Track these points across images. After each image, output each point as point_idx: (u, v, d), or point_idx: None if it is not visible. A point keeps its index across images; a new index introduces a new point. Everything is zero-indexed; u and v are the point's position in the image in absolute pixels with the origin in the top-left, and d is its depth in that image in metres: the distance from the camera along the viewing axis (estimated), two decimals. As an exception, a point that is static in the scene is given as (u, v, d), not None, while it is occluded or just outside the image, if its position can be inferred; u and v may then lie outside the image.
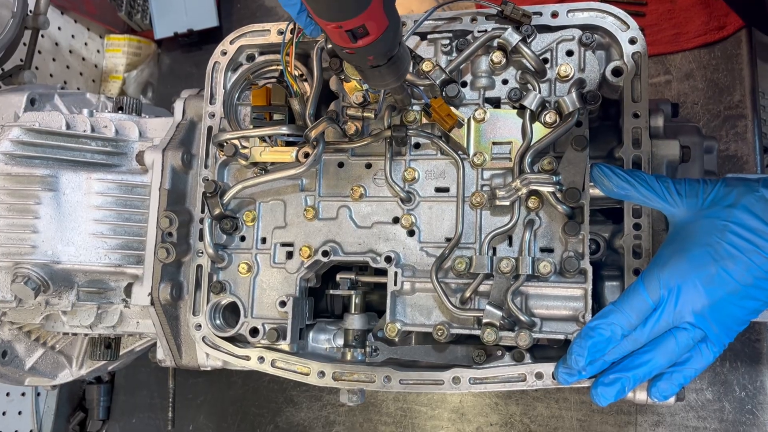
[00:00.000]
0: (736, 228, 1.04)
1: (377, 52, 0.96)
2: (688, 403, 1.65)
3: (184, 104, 1.46)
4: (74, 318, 1.44)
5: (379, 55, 0.97)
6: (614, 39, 1.21)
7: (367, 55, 0.97)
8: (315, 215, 1.31)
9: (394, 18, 0.94)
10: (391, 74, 1.04)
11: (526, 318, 1.16)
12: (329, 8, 0.87)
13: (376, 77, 1.04)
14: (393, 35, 0.95)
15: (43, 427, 2.22)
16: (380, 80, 1.06)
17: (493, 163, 1.24)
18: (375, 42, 0.92)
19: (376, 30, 0.91)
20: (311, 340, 1.38)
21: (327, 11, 0.87)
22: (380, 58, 0.98)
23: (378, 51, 0.96)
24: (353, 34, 0.90)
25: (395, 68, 1.02)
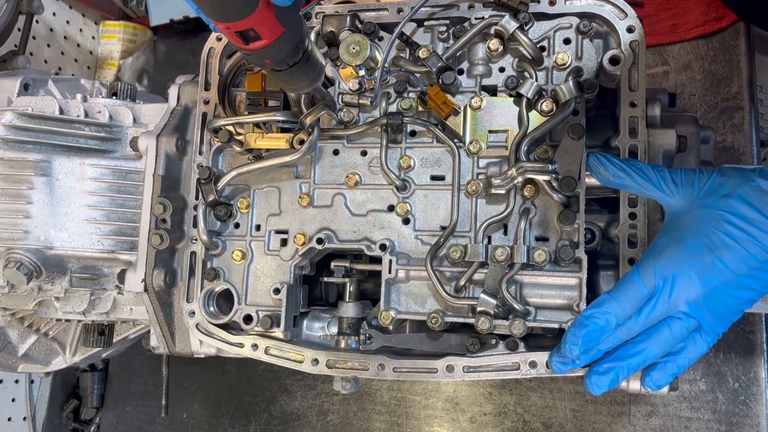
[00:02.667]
0: (732, 218, 1.03)
1: (274, 57, 0.97)
2: (681, 393, 1.65)
3: (178, 90, 1.45)
4: (67, 304, 1.43)
5: (277, 60, 0.98)
6: (612, 27, 1.21)
7: (263, 59, 0.97)
8: (310, 202, 1.30)
9: (293, 26, 0.94)
10: (296, 81, 1.04)
11: (520, 307, 1.16)
12: (212, 9, 0.88)
13: (281, 81, 1.05)
14: (290, 43, 0.96)
15: (37, 414, 2.22)
16: (286, 84, 1.07)
17: (489, 151, 1.23)
18: (269, 47, 0.93)
19: (269, 35, 0.92)
20: (305, 328, 1.37)
21: (210, 11, 0.88)
22: (280, 64, 0.99)
23: (274, 56, 0.96)
24: (243, 36, 0.91)
25: (300, 76, 1.03)
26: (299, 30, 0.97)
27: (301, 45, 0.99)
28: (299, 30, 0.97)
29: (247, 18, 0.88)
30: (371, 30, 1.27)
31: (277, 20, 0.91)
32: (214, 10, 0.89)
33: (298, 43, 0.98)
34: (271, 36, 0.92)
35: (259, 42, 0.92)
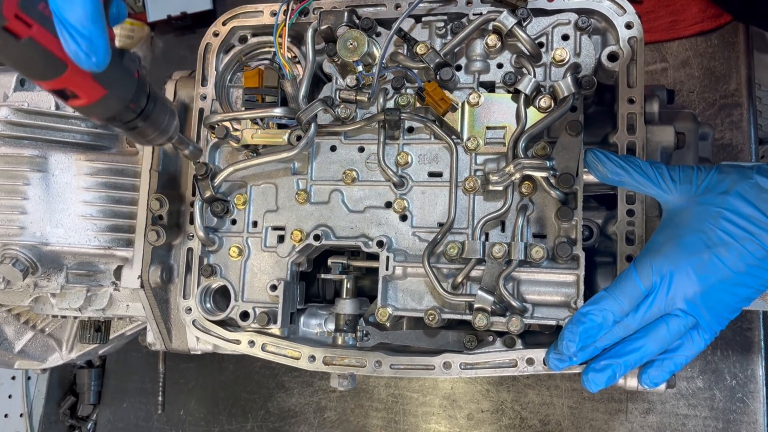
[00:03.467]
0: (730, 215, 1.03)
1: (100, 115, 0.94)
2: (678, 390, 1.65)
3: (175, 86, 1.44)
4: (63, 300, 1.43)
5: (105, 118, 0.95)
6: (610, 23, 1.20)
7: (88, 115, 0.95)
8: (307, 199, 1.30)
9: (119, 88, 0.92)
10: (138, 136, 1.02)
11: (517, 303, 1.15)
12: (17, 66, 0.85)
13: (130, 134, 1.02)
14: (117, 103, 0.93)
15: (34, 410, 2.22)
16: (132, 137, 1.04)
17: (486, 147, 1.23)
18: (90, 106, 0.90)
19: (87, 96, 0.89)
20: (302, 325, 1.37)
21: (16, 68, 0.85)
22: (110, 121, 0.96)
23: (100, 114, 0.94)
24: (59, 94, 0.88)
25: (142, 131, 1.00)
26: (128, 92, 0.94)
27: (133, 105, 0.96)
28: (128, 92, 0.94)
29: (56, 79, 0.85)
30: (369, 26, 1.26)
31: (96, 82, 0.88)
32: (20, 68, 0.86)
33: (128, 104, 0.95)
34: (90, 97, 0.89)
35: (78, 101, 0.89)
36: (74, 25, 0.80)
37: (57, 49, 0.82)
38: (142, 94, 0.97)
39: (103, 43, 0.84)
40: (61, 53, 0.82)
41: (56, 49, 0.82)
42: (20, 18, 0.77)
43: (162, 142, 1.07)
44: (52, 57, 0.82)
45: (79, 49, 0.81)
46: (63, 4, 0.80)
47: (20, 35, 0.78)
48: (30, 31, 0.79)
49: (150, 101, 0.98)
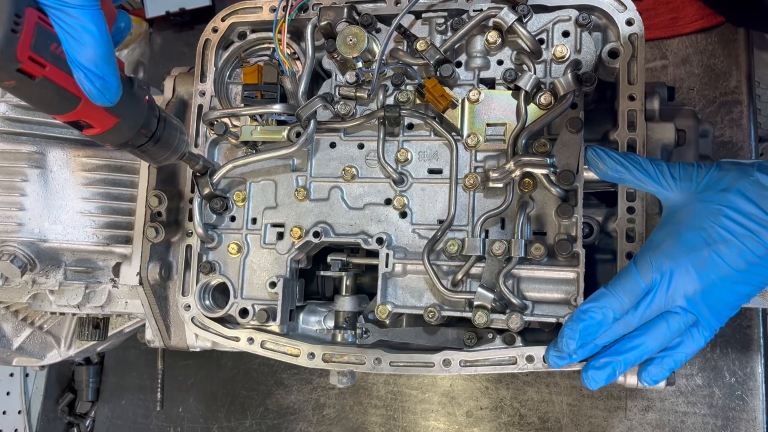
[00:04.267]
0: (730, 212, 1.03)
1: (113, 142, 0.99)
2: (677, 388, 1.65)
3: (174, 82, 1.44)
4: (62, 297, 1.42)
5: (118, 144, 1.00)
6: (611, 20, 1.20)
7: (102, 142, 0.99)
8: (306, 196, 1.29)
9: (130, 116, 0.97)
10: (150, 157, 1.07)
11: (517, 301, 1.15)
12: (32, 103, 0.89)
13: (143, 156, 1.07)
14: (129, 130, 0.98)
15: (32, 407, 2.22)
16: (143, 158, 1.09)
17: (486, 144, 1.22)
18: (103, 134, 0.95)
19: (101, 125, 0.94)
20: (301, 322, 1.37)
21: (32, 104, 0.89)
22: (122, 146, 1.01)
23: (113, 141, 0.98)
24: (74, 124, 0.93)
25: (152, 153, 1.05)
26: (139, 118, 0.99)
27: (144, 131, 1.01)
28: (139, 118, 0.99)
29: (70, 113, 0.89)
30: (368, 22, 1.25)
31: (108, 113, 0.93)
32: (35, 104, 0.90)
33: (139, 129, 1.00)
34: (103, 126, 0.94)
35: (92, 130, 0.94)
36: (87, 66, 0.85)
37: (70, 86, 0.86)
38: (153, 118, 1.02)
39: (116, 81, 0.89)
40: (74, 89, 0.86)
41: (69, 86, 0.86)
42: (34, 59, 0.81)
43: (173, 161, 1.13)
44: (65, 93, 0.86)
45: (93, 87, 0.86)
46: (75, 46, 0.84)
47: (34, 75, 0.82)
48: (43, 71, 0.83)
49: (160, 124, 1.03)
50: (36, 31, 0.81)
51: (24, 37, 0.79)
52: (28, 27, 0.80)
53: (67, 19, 0.84)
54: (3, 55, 0.78)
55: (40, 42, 0.82)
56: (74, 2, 0.84)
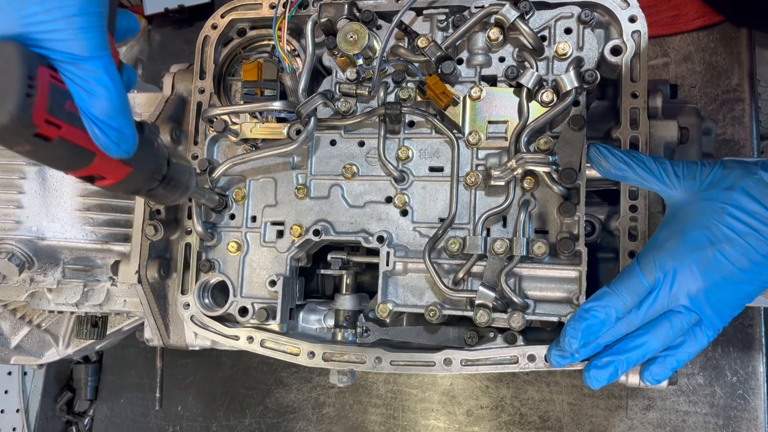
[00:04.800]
0: (734, 211, 1.02)
1: (125, 190, 0.97)
2: (679, 387, 1.65)
3: (173, 79, 1.43)
4: (60, 296, 1.41)
5: (130, 191, 0.99)
6: (614, 17, 1.19)
7: (115, 191, 0.98)
8: (306, 194, 1.28)
9: (142, 166, 0.95)
10: (161, 199, 1.06)
11: (519, 299, 1.14)
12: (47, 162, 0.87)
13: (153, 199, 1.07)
14: (141, 178, 0.97)
15: (30, 406, 2.21)
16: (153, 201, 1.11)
17: (488, 142, 1.21)
18: (117, 184, 0.93)
19: (114, 176, 0.92)
20: (301, 321, 1.36)
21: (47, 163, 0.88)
22: (135, 192, 1.00)
23: (125, 189, 0.97)
24: (87, 178, 0.91)
25: (163, 195, 1.04)
26: (151, 165, 0.98)
27: (156, 175, 0.99)
28: (151, 165, 0.98)
29: (85, 169, 0.87)
30: (369, 18, 1.24)
31: (122, 164, 0.90)
32: (49, 164, 0.88)
33: (153, 174, 0.99)
34: (116, 177, 0.92)
35: (105, 181, 0.92)
36: (102, 119, 0.82)
37: (86, 142, 0.83)
38: (163, 161, 1.00)
39: (131, 131, 0.86)
40: (89, 145, 0.84)
41: (85, 143, 0.83)
42: (50, 122, 0.78)
43: (183, 199, 1.12)
44: (81, 150, 0.84)
45: (109, 140, 0.84)
46: (89, 99, 0.81)
47: (51, 138, 0.79)
48: (59, 132, 0.80)
49: (170, 166, 1.02)
50: (50, 92, 0.78)
51: (39, 100, 0.76)
52: (42, 89, 0.77)
53: (78, 72, 0.81)
54: (20, 122, 0.74)
55: (54, 102, 0.78)
56: (84, 53, 0.80)
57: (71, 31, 0.79)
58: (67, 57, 0.80)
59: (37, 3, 0.78)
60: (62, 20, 0.78)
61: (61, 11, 0.78)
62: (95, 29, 0.81)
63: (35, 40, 0.79)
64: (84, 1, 0.79)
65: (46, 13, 0.78)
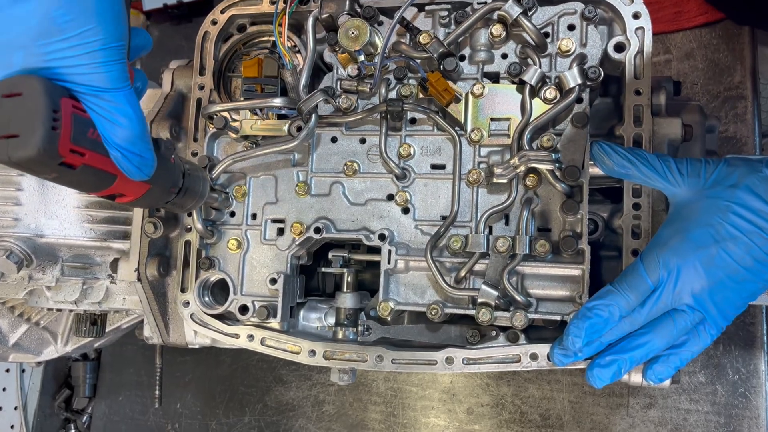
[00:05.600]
0: (739, 208, 1.01)
1: (144, 205, 1.02)
2: (680, 385, 1.65)
3: (172, 75, 1.42)
4: (59, 293, 1.40)
5: (148, 205, 1.03)
6: (617, 13, 1.18)
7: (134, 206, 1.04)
8: (307, 191, 1.28)
9: (160, 181, 0.98)
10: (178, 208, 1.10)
11: (522, 298, 1.14)
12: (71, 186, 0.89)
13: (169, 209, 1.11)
14: (160, 193, 1.00)
15: (28, 403, 2.20)
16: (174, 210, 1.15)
17: (490, 139, 1.21)
18: (136, 200, 0.97)
19: (134, 193, 0.95)
20: (302, 319, 1.35)
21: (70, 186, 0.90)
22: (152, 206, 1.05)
23: (144, 204, 1.01)
24: (108, 197, 0.94)
25: (181, 205, 1.08)
26: (168, 181, 1.01)
27: (173, 189, 1.02)
28: (168, 181, 1.01)
29: (107, 189, 0.90)
30: (371, 14, 1.23)
31: (141, 182, 0.93)
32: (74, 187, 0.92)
33: (170, 188, 1.02)
34: (136, 193, 0.95)
35: (125, 198, 0.95)
36: (124, 146, 0.86)
37: (108, 166, 0.87)
38: (179, 175, 1.03)
39: (151, 156, 0.90)
40: (111, 168, 0.87)
41: (107, 167, 0.87)
42: (74, 151, 0.81)
43: (199, 206, 1.17)
44: (104, 174, 0.87)
45: (131, 165, 0.88)
46: (111, 128, 0.84)
47: (75, 165, 0.82)
48: (83, 159, 0.83)
49: (185, 179, 1.05)
50: (73, 122, 0.81)
51: (64, 132, 0.79)
52: (66, 120, 0.80)
53: (101, 103, 0.83)
54: (46, 154, 0.77)
55: (78, 132, 0.81)
56: (107, 86, 0.83)
57: (94, 65, 0.82)
58: (89, 89, 0.83)
59: (61, 39, 0.80)
60: (85, 56, 0.81)
61: (84, 47, 0.81)
62: (117, 62, 0.84)
63: (59, 74, 0.81)
64: (106, 36, 0.82)
65: (70, 49, 0.81)
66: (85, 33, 0.80)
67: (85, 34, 0.80)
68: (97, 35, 0.81)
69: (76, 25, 0.80)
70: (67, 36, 0.80)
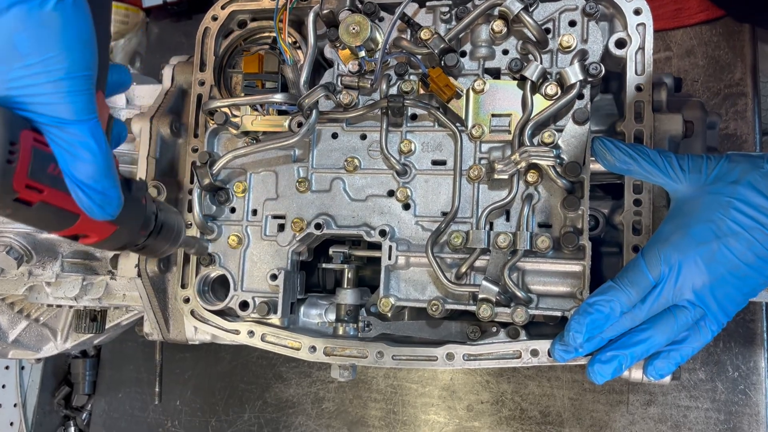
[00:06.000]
0: (740, 204, 1.01)
1: (111, 247, 0.96)
2: (680, 382, 1.64)
3: (173, 71, 1.41)
4: (58, 289, 1.40)
5: (116, 248, 0.97)
6: (618, 9, 1.18)
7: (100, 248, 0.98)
8: (308, 187, 1.27)
9: (128, 223, 0.93)
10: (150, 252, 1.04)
11: (522, 294, 1.14)
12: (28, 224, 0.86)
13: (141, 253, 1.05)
14: (127, 235, 0.95)
15: (28, 400, 2.20)
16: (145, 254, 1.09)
17: (491, 135, 1.20)
18: (102, 242, 0.91)
19: (99, 235, 0.90)
20: (302, 315, 1.35)
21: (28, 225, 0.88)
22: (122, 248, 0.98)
23: (111, 246, 0.95)
24: (71, 237, 0.89)
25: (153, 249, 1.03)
26: (138, 222, 0.96)
27: (143, 232, 0.98)
28: (138, 222, 0.96)
29: (69, 229, 0.85)
30: (371, 10, 1.23)
31: (107, 222, 0.88)
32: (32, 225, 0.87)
33: (139, 231, 0.97)
34: (101, 235, 0.90)
35: (89, 239, 0.90)
36: (86, 182, 0.80)
37: (69, 205, 0.81)
38: (151, 217, 0.98)
39: (116, 192, 0.84)
40: (72, 207, 0.82)
41: (68, 205, 0.81)
42: (31, 186, 0.76)
43: (173, 251, 1.12)
44: (64, 213, 0.82)
45: (93, 203, 0.81)
46: (74, 164, 0.79)
47: (32, 202, 0.78)
48: (41, 196, 0.78)
49: (158, 221, 1.00)
50: (33, 157, 0.75)
51: (20, 166, 0.74)
52: (24, 154, 0.74)
53: (64, 136, 0.78)
54: None
55: (37, 167, 0.76)
56: (71, 117, 0.77)
57: (57, 95, 0.76)
58: (52, 120, 0.77)
59: (23, 67, 0.74)
60: (48, 84, 0.75)
61: (47, 75, 0.75)
62: (82, 93, 0.78)
63: (20, 104, 0.76)
64: (71, 65, 0.76)
65: (32, 78, 0.75)
66: (48, 60, 0.74)
67: (49, 62, 0.75)
68: (61, 63, 0.75)
69: (39, 50, 0.74)
70: (30, 63, 0.74)
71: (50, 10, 0.74)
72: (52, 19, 0.74)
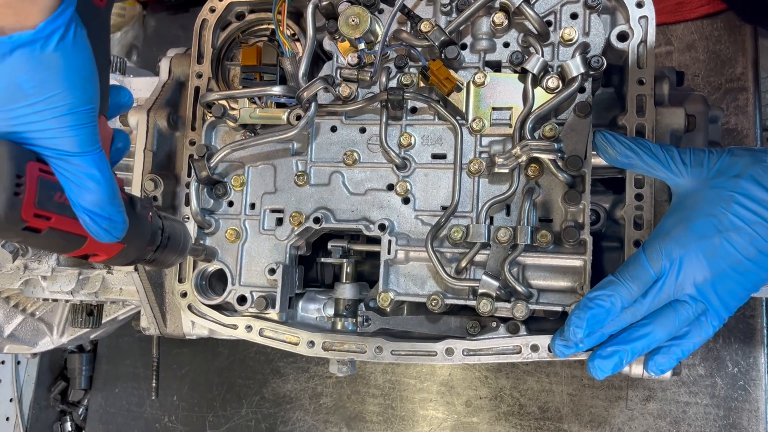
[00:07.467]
0: (742, 199, 1.01)
1: (119, 263, 0.98)
2: (679, 378, 1.64)
3: (170, 63, 1.40)
4: (54, 283, 1.39)
5: (124, 264, 0.99)
6: (620, 2, 1.17)
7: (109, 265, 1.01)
8: (306, 181, 1.26)
9: (135, 241, 0.95)
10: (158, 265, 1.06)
11: (523, 289, 1.13)
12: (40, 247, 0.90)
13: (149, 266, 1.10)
14: (135, 252, 0.97)
15: (24, 395, 2.19)
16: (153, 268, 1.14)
17: (492, 129, 1.19)
18: (110, 259, 0.94)
19: (107, 253, 0.92)
20: (300, 310, 1.34)
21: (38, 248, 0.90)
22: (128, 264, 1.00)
23: (119, 263, 0.98)
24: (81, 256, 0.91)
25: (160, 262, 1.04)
26: (143, 239, 0.97)
27: (150, 247, 0.99)
28: (143, 239, 0.97)
29: (77, 251, 0.88)
30: (371, 2, 1.21)
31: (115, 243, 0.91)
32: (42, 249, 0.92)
33: (145, 247, 0.98)
34: (109, 253, 0.93)
35: (98, 258, 0.93)
36: (92, 210, 0.83)
37: (76, 229, 0.85)
38: (157, 232, 1.00)
39: (122, 217, 0.87)
40: (80, 231, 0.85)
41: (75, 229, 0.85)
42: (39, 215, 0.79)
43: (181, 261, 1.15)
44: (72, 236, 0.85)
45: (100, 228, 0.85)
46: (80, 193, 0.82)
47: (41, 229, 0.80)
48: (49, 223, 0.81)
49: (164, 235, 1.01)
50: (39, 186, 0.79)
51: (27, 197, 0.77)
52: (31, 185, 0.78)
53: (68, 167, 0.81)
54: (8, 220, 0.76)
55: (44, 196, 0.79)
56: (75, 150, 0.80)
57: (61, 129, 0.79)
58: (57, 153, 0.80)
59: (27, 105, 0.77)
60: (52, 120, 0.78)
61: (51, 112, 0.78)
62: (85, 126, 0.80)
63: (26, 138, 0.78)
64: (74, 101, 0.79)
65: (36, 114, 0.77)
66: (51, 98, 0.77)
67: (52, 99, 0.77)
68: (64, 100, 0.78)
69: (42, 90, 0.77)
70: (33, 101, 0.77)
71: (51, 51, 0.76)
72: (54, 59, 0.77)
